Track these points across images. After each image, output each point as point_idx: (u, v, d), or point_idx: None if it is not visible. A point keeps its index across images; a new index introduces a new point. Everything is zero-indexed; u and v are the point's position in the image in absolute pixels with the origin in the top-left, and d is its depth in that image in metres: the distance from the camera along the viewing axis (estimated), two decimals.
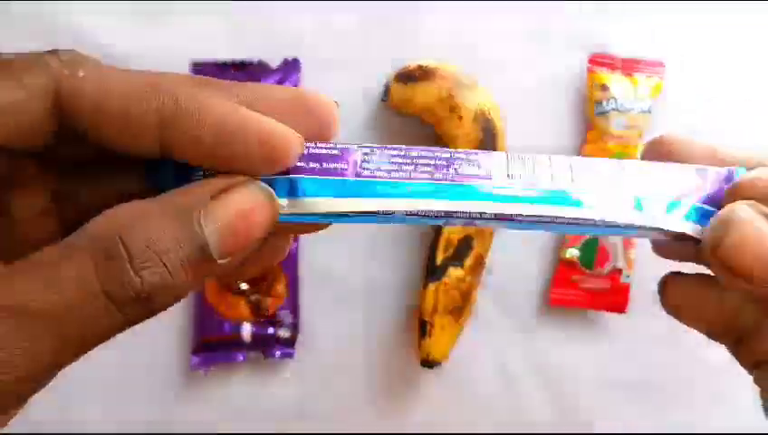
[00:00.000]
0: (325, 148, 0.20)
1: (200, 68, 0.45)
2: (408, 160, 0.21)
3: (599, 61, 0.48)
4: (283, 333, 0.47)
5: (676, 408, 0.50)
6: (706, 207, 0.21)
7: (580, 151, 0.48)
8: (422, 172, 0.20)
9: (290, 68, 0.47)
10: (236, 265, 0.18)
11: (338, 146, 0.20)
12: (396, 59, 0.46)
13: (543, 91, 0.49)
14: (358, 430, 0.48)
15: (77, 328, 0.16)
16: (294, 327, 0.47)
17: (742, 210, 0.19)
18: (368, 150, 0.21)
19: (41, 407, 0.46)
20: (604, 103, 0.47)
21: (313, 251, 0.48)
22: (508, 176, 0.21)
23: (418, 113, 0.46)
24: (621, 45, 0.48)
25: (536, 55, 0.49)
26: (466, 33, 0.48)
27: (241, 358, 0.47)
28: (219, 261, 0.17)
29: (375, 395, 0.49)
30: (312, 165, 0.20)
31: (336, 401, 0.48)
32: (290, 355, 0.47)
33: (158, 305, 0.17)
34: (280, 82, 0.46)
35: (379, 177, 0.20)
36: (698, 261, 0.22)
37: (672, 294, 0.23)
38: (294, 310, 0.47)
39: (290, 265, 0.47)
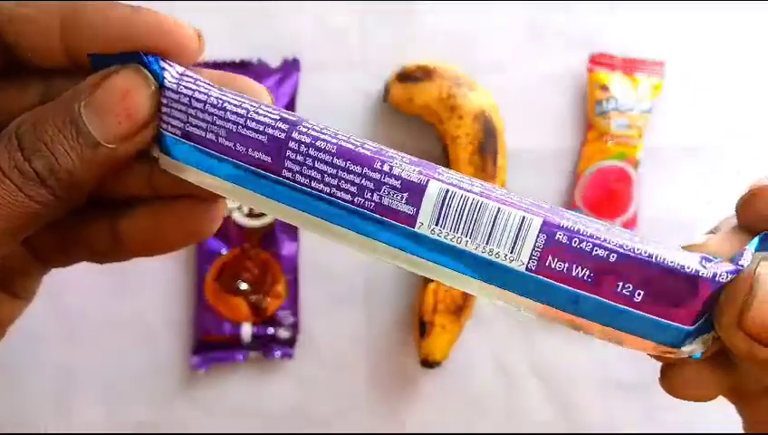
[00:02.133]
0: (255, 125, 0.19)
1: (200, 68, 0.45)
2: (334, 171, 0.18)
3: (599, 61, 0.48)
4: (283, 333, 0.47)
5: (676, 408, 0.49)
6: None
7: (580, 151, 0.48)
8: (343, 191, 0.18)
9: (290, 68, 0.47)
10: (132, 153, 0.19)
11: (272, 128, 0.19)
12: (396, 59, 0.46)
13: (543, 91, 0.49)
14: (358, 430, 0.48)
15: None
16: (294, 327, 0.47)
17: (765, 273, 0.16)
18: (303, 144, 0.19)
19: (41, 407, 0.47)
20: (604, 103, 0.47)
21: (313, 251, 0.48)
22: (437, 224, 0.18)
23: (418, 113, 0.46)
24: (621, 45, 0.48)
25: (536, 55, 0.49)
26: (466, 32, 0.48)
27: (241, 358, 0.47)
28: (107, 145, 0.18)
29: (375, 395, 0.49)
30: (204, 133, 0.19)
31: (336, 401, 0.48)
32: (290, 355, 0.47)
33: (57, 188, 0.18)
34: (280, 82, 0.46)
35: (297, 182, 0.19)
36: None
37: (678, 384, 0.20)
38: (294, 310, 0.47)
39: (290, 266, 0.47)
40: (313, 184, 0.18)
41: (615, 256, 0.17)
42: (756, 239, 0.17)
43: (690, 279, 0.16)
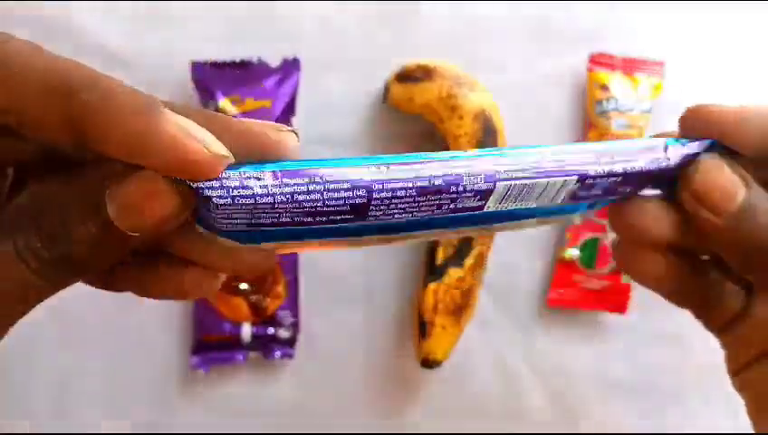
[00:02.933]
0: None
1: (200, 68, 0.45)
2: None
3: (599, 61, 0.48)
4: (283, 333, 0.47)
5: (676, 408, 0.50)
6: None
7: None
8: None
9: (290, 68, 0.47)
10: (156, 239, 0.19)
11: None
12: (396, 59, 0.46)
13: (543, 90, 0.49)
14: (358, 430, 0.48)
15: (7, 289, 0.18)
16: (294, 327, 0.47)
17: (710, 156, 0.23)
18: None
19: (41, 407, 0.47)
20: (604, 103, 0.47)
21: (313, 251, 0.48)
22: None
23: (419, 113, 0.46)
24: (621, 45, 0.48)
25: (536, 55, 0.49)
26: (466, 32, 0.48)
27: (241, 358, 0.47)
28: (130, 235, 0.18)
29: (375, 395, 0.49)
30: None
31: (336, 401, 0.48)
32: (290, 355, 0.47)
33: (71, 272, 0.19)
34: (280, 82, 0.46)
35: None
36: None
37: (622, 258, 0.25)
38: (294, 310, 0.47)
39: (290, 266, 0.47)
40: (395, 217, 0.20)
41: (619, 177, 0.22)
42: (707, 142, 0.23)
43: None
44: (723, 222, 0.22)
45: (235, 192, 0.18)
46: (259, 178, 0.18)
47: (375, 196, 0.19)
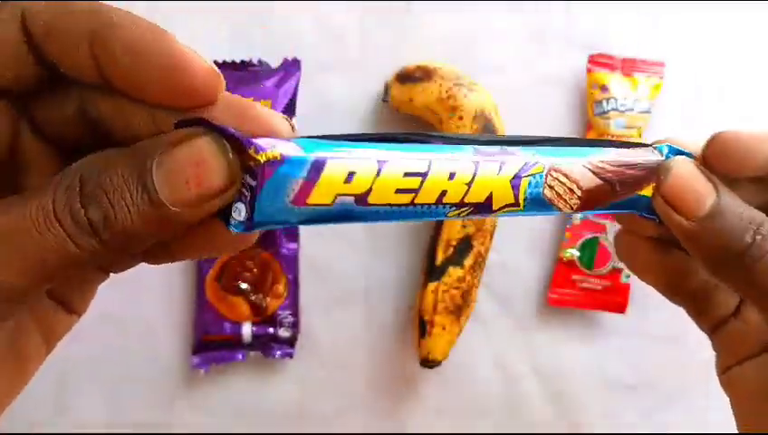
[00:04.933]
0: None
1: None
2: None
3: (598, 61, 0.48)
4: (283, 333, 0.47)
5: (675, 408, 0.50)
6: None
7: None
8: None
9: (290, 68, 0.47)
10: (198, 219, 0.18)
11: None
12: (396, 59, 0.46)
13: (543, 91, 0.49)
14: (358, 429, 0.48)
15: (37, 251, 0.17)
16: (294, 327, 0.47)
17: (681, 159, 0.23)
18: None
19: (41, 407, 0.47)
20: (604, 103, 0.47)
21: (313, 251, 0.48)
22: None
23: (418, 113, 0.46)
24: (621, 45, 0.48)
25: (536, 55, 0.49)
26: (466, 33, 0.48)
27: (241, 358, 0.47)
28: (172, 208, 0.17)
29: (375, 395, 0.49)
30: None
31: (336, 401, 0.48)
32: (290, 355, 0.47)
33: (108, 241, 0.18)
34: (280, 82, 0.46)
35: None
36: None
37: (622, 248, 0.26)
38: (294, 310, 0.47)
39: (290, 266, 0.47)
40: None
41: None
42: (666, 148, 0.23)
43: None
44: (692, 226, 0.22)
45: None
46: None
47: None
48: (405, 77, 0.45)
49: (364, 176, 0.18)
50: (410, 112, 0.46)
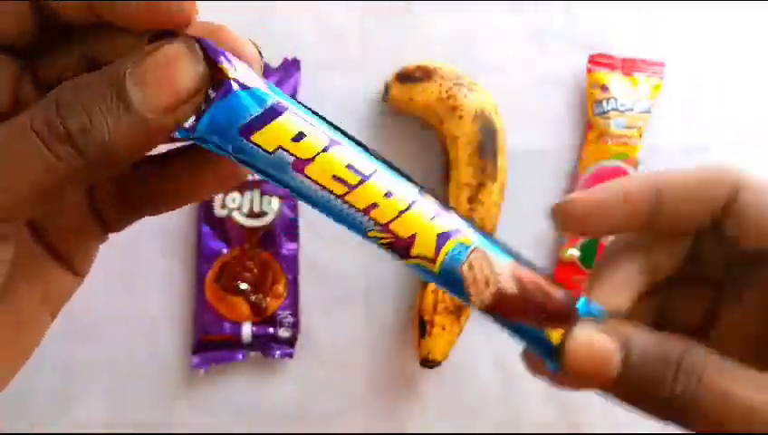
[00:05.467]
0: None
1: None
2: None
3: (598, 61, 0.48)
4: (283, 333, 0.47)
5: None
6: None
7: (580, 151, 0.49)
8: None
9: (290, 68, 0.47)
10: (170, 127, 0.18)
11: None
12: (396, 59, 0.46)
13: (543, 91, 0.49)
14: (358, 429, 0.48)
15: (26, 163, 0.17)
16: (294, 327, 0.47)
17: (577, 331, 0.21)
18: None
19: (41, 407, 0.47)
20: (604, 103, 0.47)
21: (313, 251, 0.48)
22: None
23: (418, 113, 0.46)
24: (621, 45, 0.48)
25: (536, 55, 0.49)
26: (466, 33, 0.48)
27: (241, 358, 0.47)
28: (148, 115, 0.18)
29: (375, 395, 0.49)
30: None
31: (336, 401, 0.48)
32: (290, 355, 0.47)
33: (86, 151, 0.18)
34: (280, 82, 0.46)
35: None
36: None
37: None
38: (294, 310, 0.47)
39: (290, 265, 0.47)
40: None
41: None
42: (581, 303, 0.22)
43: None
44: (611, 390, 0.21)
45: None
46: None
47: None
48: (405, 77, 0.45)
49: (312, 144, 0.19)
50: (410, 112, 0.46)
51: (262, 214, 0.47)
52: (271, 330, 0.47)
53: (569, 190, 0.49)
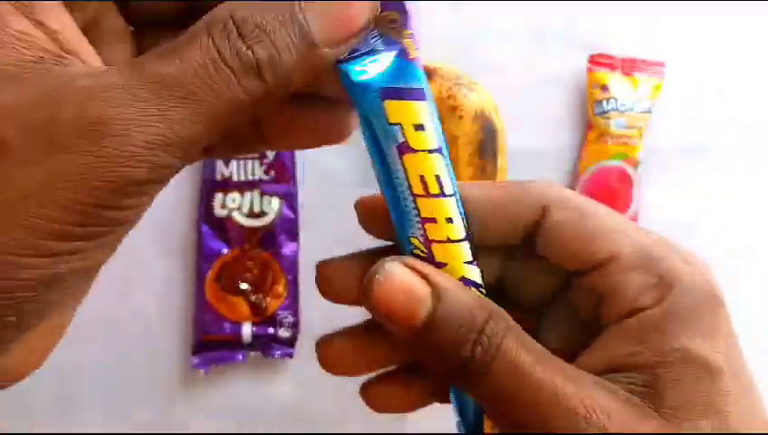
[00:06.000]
0: None
1: None
2: None
3: (599, 61, 0.48)
4: (283, 333, 0.47)
5: None
6: None
7: (580, 151, 0.48)
8: None
9: None
10: (333, 61, 0.18)
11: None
12: None
13: (543, 91, 0.49)
14: (357, 430, 0.48)
15: (205, 95, 0.17)
16: (294, 327, 0.47)
17: (390, 261, 0.20)
18: None
19: (41, 407, 0.47)
20: (604, 103, 0.47)
21: (313, 251, 0.48)
22: None
23: None
24: (621, 45, 0.48)
25: (536, 55, 0.49)
26: (466, 33, 0.48)
27: (241, 358, 0.47)
28: (324, 48, 0.18)
29: None
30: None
31: (336, 401, 0.48)
32: (290, 355, 0.47)
33: (271, 81, 0.17)
34: None
35: None
36: None
37: (327, 354, 0.25)
38: (294, 310, 0.47)
39: (290, 266, 0.47)
40: None
41: None
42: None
43: None
44: (409, 340, 0.20)
45: None
46: None
47: None
48: None
49: (425, 139, 0.20)
50: None
51: (262, 214, 0.47)
52: (271, 330, 0.47)
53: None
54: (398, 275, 0.20)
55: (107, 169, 0.15)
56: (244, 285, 0.47)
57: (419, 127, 0.19)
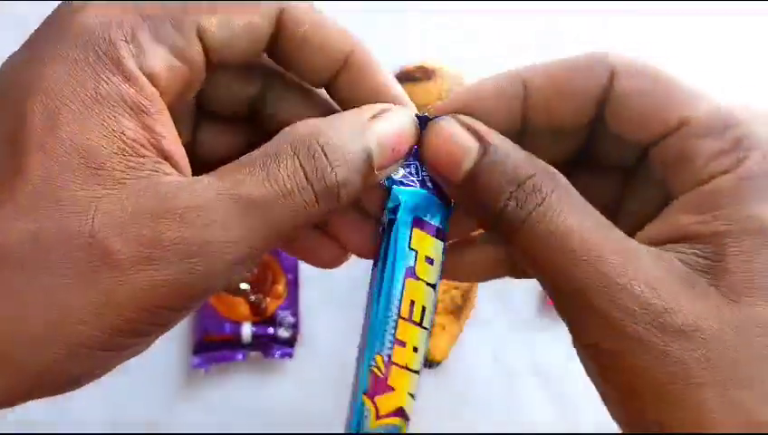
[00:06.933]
0: None
1: None
2: None
3: None
4: (283, 333, 0.47)
5: None
6: None
7: None
8: None
9: None
10: (362, 188, 0.20)
11: None
12: (396, 59, 0.46)
13: None
14: None
15: (285, 217, 0.18)
16: (294, 327, 0.47)
17: (440, 119, 0.21)
18: None
19: (40, 407, 0.47)
20: None
21: None
22: None
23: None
24: (621, 45, 0.48)
25: (536, 56, 0.49)
26: (466, 33, 0.48)
27: (241, 358, 0.47)
28: (377, 172, 0.20)
29: None
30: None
31: (336, 401, 0.48)
32: (290, 355, 0.47)
33: (342, 199, 0.19)
34: None
35: None
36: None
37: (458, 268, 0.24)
38: (294, 310, 0.47)
39: (290, 266, 0.47)
40: None
41: None
42: None
43: None
44: (454, 190, 0.20)
45: None
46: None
47: None
48: (405, 77, 0.45)
49: (429, 272, 0.22)
50: None
51: None
52: (271, 330, 0.47)
53: None
54: (447, 126, 0.21)
55: (193, 284, 0.17)
56: (244, 285, 0.47)
57: (430, 260, 0.21)
